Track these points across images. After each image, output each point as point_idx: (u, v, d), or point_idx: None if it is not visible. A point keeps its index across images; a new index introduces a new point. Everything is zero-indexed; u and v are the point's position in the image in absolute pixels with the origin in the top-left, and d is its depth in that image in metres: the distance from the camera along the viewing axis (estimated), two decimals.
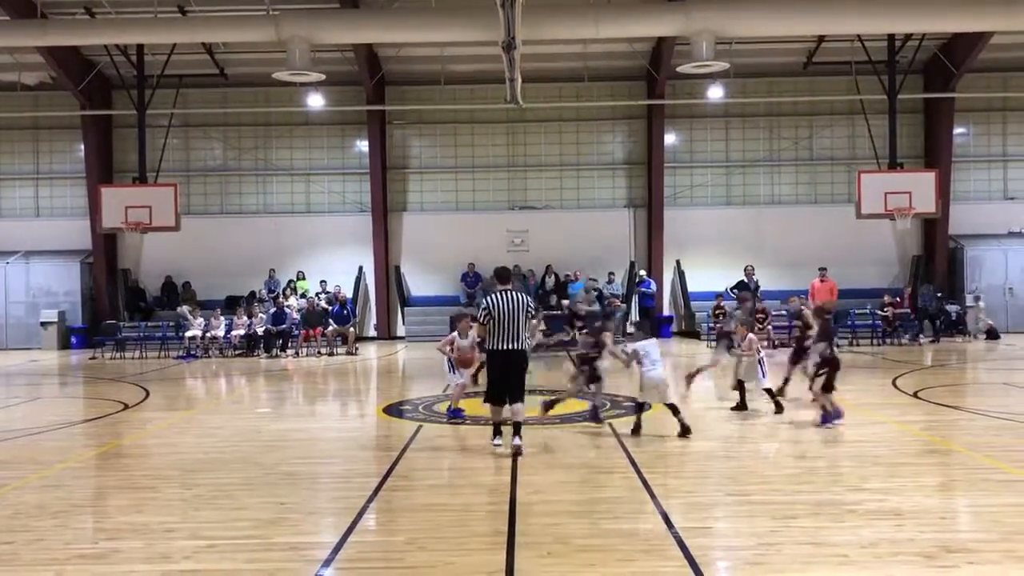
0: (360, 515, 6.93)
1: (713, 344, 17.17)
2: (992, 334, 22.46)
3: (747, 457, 9.25)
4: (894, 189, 20.71)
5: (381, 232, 25.54)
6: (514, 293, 9.33)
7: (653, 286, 24.70)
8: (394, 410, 12.68)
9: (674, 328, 25.36)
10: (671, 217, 25.25)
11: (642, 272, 24.69)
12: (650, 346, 10.15)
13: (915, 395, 13.24)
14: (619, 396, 13.29)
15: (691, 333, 24.26)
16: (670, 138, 25.71)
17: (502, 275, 9.57)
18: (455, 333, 11.87)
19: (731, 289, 22.06)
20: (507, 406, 9.36)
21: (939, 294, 23.47)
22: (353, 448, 10.29)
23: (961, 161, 25.32)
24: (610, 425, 10.91)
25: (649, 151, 25.42)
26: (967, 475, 8.46)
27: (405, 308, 25.57)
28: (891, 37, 21.90)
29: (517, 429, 9.16)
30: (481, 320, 9.44)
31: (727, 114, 25.62)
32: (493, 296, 9.39)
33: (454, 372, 11.86)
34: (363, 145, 25.85)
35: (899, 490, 7.50)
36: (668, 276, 25.52)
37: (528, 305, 9.38)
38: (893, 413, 12.00)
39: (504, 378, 9.35)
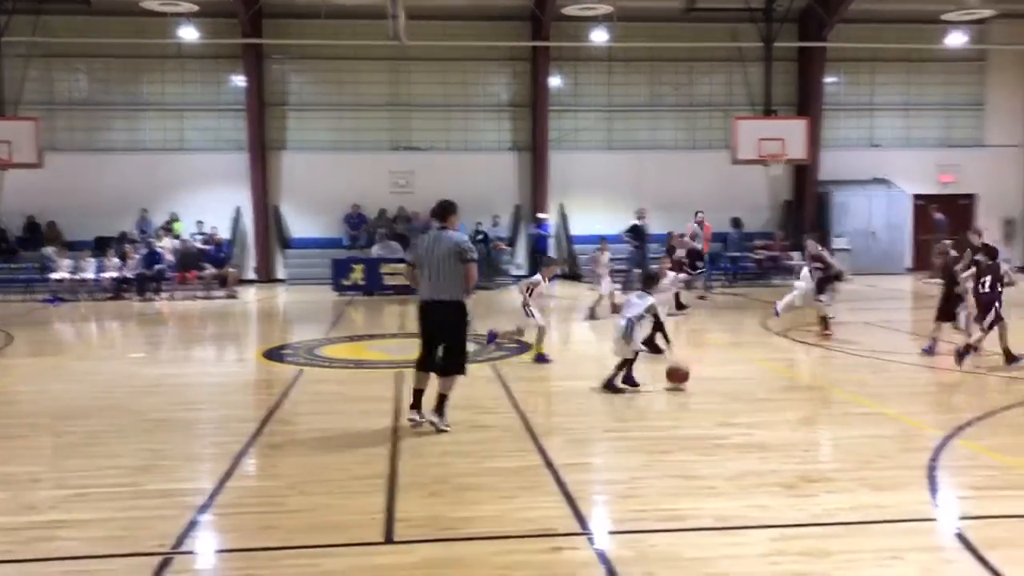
0: (238, 460, 6.84)
1: (594, 285, 17.54)
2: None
3: (625, 395, 9.52)
4: (768, 136, 21.38)
5: (259, 171, 24.79)
6: (440, 232, 7.73)
7: (551, 228, 24.89)
8: (275, 354, 12.48)
9: (559, 271, 25.70)
10: (555, 161, 25.39)
11: (541, 215, 24.80)
12: (634, 298, 9.74)
13: (782, 334, 13.87)
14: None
15: (573, 276, 24.65)
16: (555, 81, 25.74)
17: (434, 211, 7.89)
18: (538, 276, 11.68)
19: (625, 233, 22.43)
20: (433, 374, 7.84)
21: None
22: (231, 393, 10.11)
23: (831, 109, 26.28)
24: (493, 366, 11.05)
25: (535, 93, 25.41)
26: (827, 409, 8.97)
27: (285, 250, 25.04)
28: None
29: (440, 404, 7.70)
30: (408, 262, 8.26)
31: (610, 58, 25.78)
32: (419, 237, 8.18)
33: (531, 315, 11.37)
34: (239, 80, 24.91)
35: (764, 424, 7.89)
36: (552, 219, 25.76)
37: (458, 247, 7.60)
38: (762, 352, 12.55)
39: (426, 338, 7.83)
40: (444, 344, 7.77)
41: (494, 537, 5.16)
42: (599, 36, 24.75)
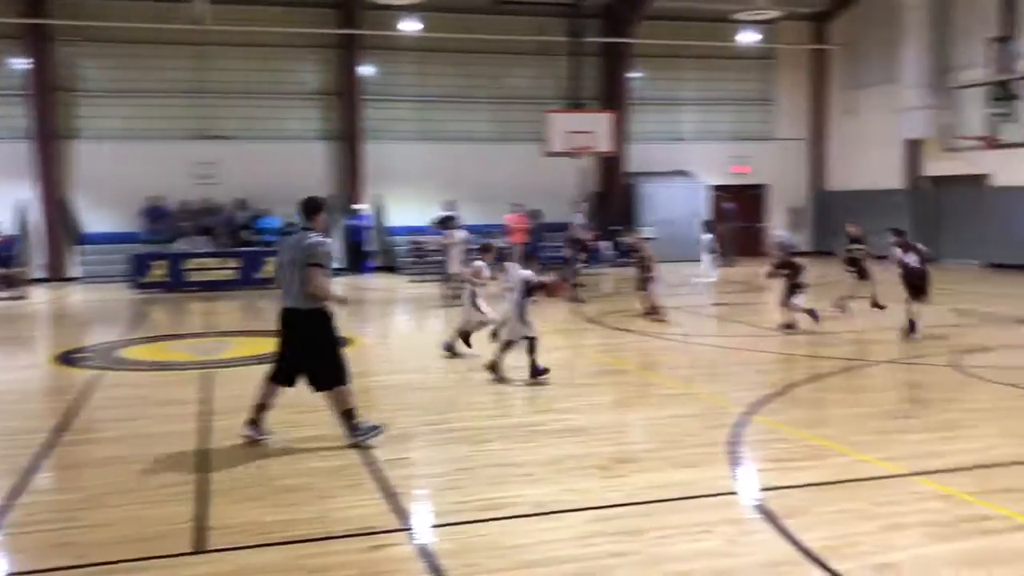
0: (28, 475, 6.31)
1: (417, 279, 17.33)
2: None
3: (443, 388, 9.52)
4: (577, 129, 21.97)
5: (46, 162, 23.00)
6: (299, 234, 7.06)
7: (369, 220, 24.45)
8: (69, 358, 11.63)
9: (377, 263, 25.37)
10: (369, 151, 25.04)
11: (358, 205, 24.32)
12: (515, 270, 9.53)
13: (596, 321, 14.30)
14: None
15: (390, 268, 24.42)
16: (367, 70, 25.35)
17: (301, 208, 7.19)
18: (480, 262, 11.10)
19: (435, 224, 22.42)
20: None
21: (619, 228, 25.47)
22: (21, 401, 9.33)
23: (637, 103, 27.32)
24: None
25: (346, 82, 24.93)
26: (639, 391, 9.33)
27: (78, 246, 23.37)
28: None
29: (345, 421, 6.97)
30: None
31: (422, 48, 25.68)
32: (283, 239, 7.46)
33: (479, 310, 10.86)
34: (22, 63, 22.98)
35: (580, 409, 8.10)
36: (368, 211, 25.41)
37: (304, 249, 6.86)
38: (575, 338, 12.90)
39: (278, 348, 7.19)
40: (302, 355, 7.00)
41: (314, 539, 5.02)
42: (410, 26, 24.61)
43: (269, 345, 11.43)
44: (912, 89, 23.33)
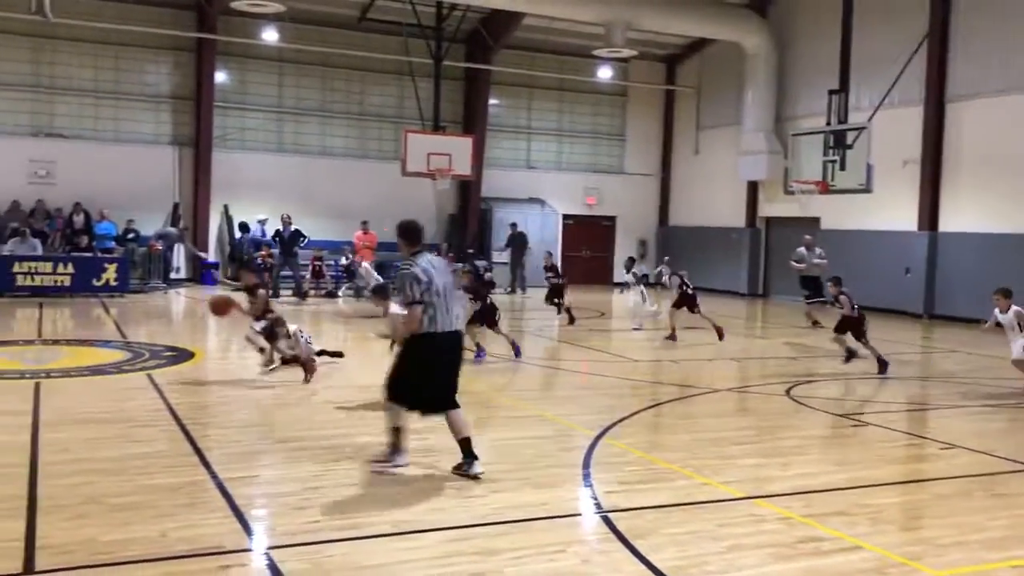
0: None
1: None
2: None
3: (292, 405, 9.27)
4: (436, 151, 21.97)
5: None
6: (436, 258, 6.85)
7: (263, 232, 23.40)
8: None
9: (219, 275, 24.49)
10: (220, 159, 24.22)
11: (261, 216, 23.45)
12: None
13: None
14: (158, 345, 12.56)
15: (237, 279, 23.61)
16: (221, 76, 24.55)
17: (407, 231, 6.75)
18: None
19: (274, 237, 21.99)
20: None
21: (470, 250, 25.63)
22: None
23: (494, 130, 27.66)
24: (149, 376, 10.26)
25: (198, 87, 24.07)
26: (490, 413, 9.36)
27: None
28: (439, 4, 23.09)
29: (468, 447, 6.66)
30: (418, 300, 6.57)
31: (281, 59, 25.14)
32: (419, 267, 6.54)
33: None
34: None
35: (433, 430, 8.04)
36: (215, 221, 24.54)
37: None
38: None
39: (449, 372, 6.82)
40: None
41: (154, 559, 4.76)
42: (270, 35, 24.07)
43: (102, 356, 10.89)
44: (753, 133, 24.68)
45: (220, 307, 10.00)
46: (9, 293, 18.86)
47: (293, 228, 21.83)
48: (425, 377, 6.50)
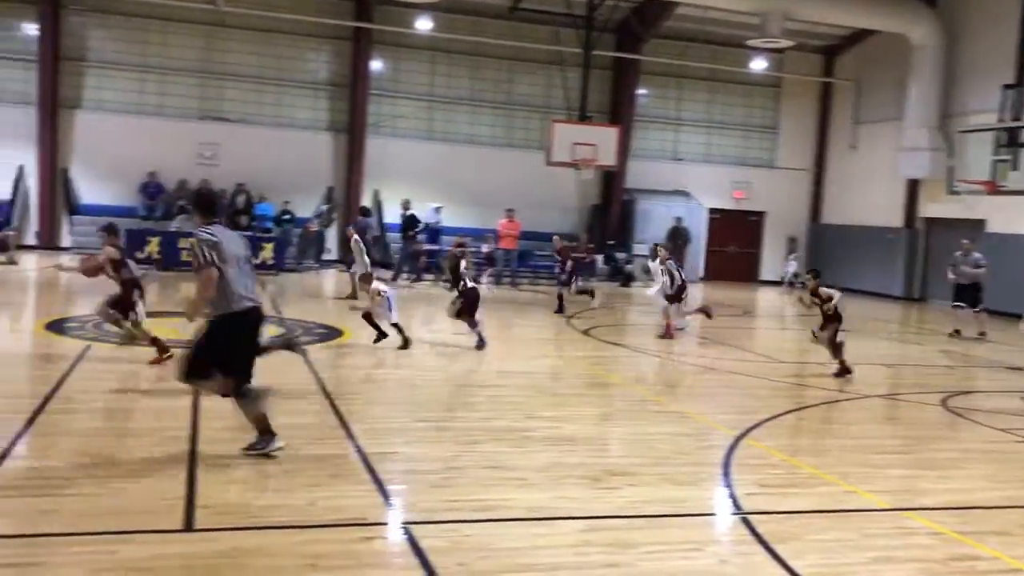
0: (14, 441, 6.24)
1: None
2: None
3: (433, 385, 9.48)
4: (582, 140, 21.96)
5: (48, 129, 22.85)
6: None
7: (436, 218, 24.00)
8: (58, 327, 11.52)
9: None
10: (372, 145, 25.00)
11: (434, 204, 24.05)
12: None
13: (586, 333, 14.29)
14: (310, 322, 13.09)
15: (385, 264, 24.31)
16: (376, 64, 25.32)
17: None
18: None
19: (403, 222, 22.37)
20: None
21: (611, 242, 25.48)
22: (7, 366, 9.23)
23: (641, 120, 27.37)
24: (302, 351, 10.70)
25: (354, 75, 24.89)
26: (628, 406, 9.30)
27: (73, 216, 23.22)
28: None
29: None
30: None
31: (434, 48, 25.67)
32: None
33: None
34: (31, 29, 22.85)
35: (569, 418, 8.08)
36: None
37: None
38: (567, 348, 12.88)
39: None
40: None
41: (301, 526, 4.98)
42: (424, 24, 24.60)
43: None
44: (915, 129, 23.41)
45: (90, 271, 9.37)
46: (175, 267, 20.08)
47: (408, 214, 22.18)
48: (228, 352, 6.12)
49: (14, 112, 22.57)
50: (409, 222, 22.03)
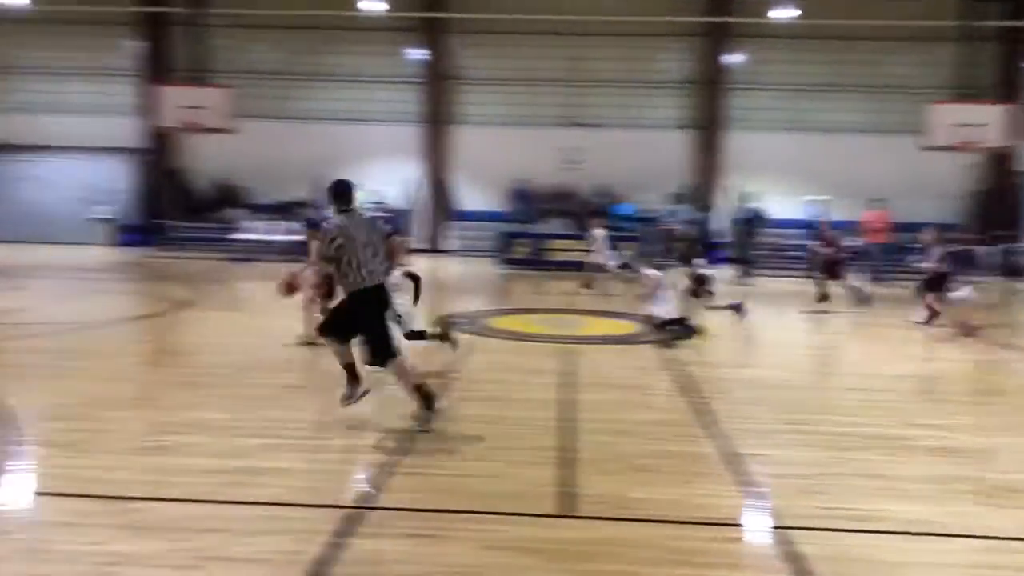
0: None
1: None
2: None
3: (801, 388, 9.15)
4: (966, 122, 19.99)
5: (433, 144, 25.35)
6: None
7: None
8: (448, 323, 12.69)
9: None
10: (729, 140, 24.71)
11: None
12: None
13: (972, 334, 12.95)
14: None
15: (744, 261, 23.83)
16: (734, 58, 24.97)
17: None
18: None
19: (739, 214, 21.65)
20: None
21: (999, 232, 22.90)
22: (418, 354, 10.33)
23: None
24: (662, 348, 10.86)
25: (710, 70, 24.75)
26: (1021, 417, 8.30)
27: (454, 222, 25.51)
28: None
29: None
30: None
31: (793, 35, 24.72)
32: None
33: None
34: (418, 53, 25.44)
35: (956, 428, 7.39)
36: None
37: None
38: (946, 351, 11.78)
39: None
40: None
41: (672, 521, 5.05)
42: (787, 12, 23.77)
43: (618, 327, 11.76)
44: None
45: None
46: (541, 266, 21.30)
47: (750, 207, 21.39)
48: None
49: (402, 130, 25.27)
50: (751, 216, 21.56)
